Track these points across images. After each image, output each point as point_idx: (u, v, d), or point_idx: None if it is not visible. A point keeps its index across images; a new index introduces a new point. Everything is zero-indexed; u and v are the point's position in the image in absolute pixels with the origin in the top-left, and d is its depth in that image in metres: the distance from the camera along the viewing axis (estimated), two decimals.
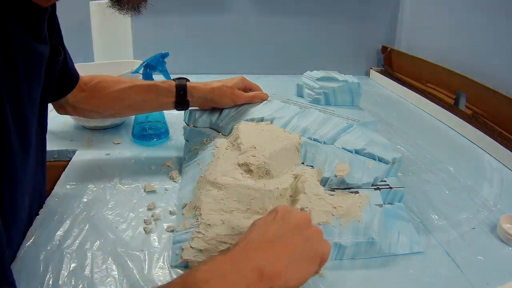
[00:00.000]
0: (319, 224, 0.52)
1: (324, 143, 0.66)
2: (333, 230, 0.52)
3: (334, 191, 0.58)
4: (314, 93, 0.88)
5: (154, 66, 0.78)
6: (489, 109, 0.97)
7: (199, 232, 0.51)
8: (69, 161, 0.76)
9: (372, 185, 0.60)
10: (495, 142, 0.88)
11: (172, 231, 0.56)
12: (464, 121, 1.00)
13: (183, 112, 0.77)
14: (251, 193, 0.56)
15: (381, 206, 0.57)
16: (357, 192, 0.58)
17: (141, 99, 0.71)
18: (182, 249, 0.50)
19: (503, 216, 0.61)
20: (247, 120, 0.71)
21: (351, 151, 0.65)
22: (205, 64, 1.43)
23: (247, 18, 1.42)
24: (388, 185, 0.62)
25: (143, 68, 0.78)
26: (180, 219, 0.58)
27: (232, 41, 1.44)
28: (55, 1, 0.46)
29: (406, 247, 0.55)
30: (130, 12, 0.50)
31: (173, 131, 0.88)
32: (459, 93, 1.09)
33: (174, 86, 0.71)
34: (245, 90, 0.77)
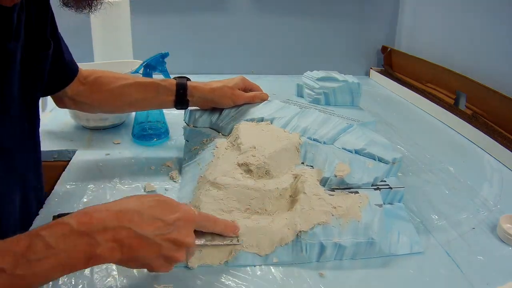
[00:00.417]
0: (319, 224, 0.52)
1: (324, 143, 0.66)
2: (333, 230, 0.52)
3: (334, 191, 0.58)
4: (314, 93, 0.88)
5: (154, 66, 0.78)
6: (489, 109, 0.97)
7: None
8: (69, 161, 0.76)
9: (372, 185, 0.60)
10: (495, 142, 0.88)
11: None
12: (464, 121, 1.00)
13: (183, 112, 0.77)
14: (251, 193, 0.56)
15: (381, 206, 0.57)
16: (357, 192, 0.58)
17: (141, 97, 0.71)
18: None
19: (503, 216, 0.61)
20: (247, 120, 0.71)
21: (351, 151, 0.65)
22: (205, 64, 1.43)
23: (247, 18, 1.42)
24: (388, 185, 0.61)
25: (143, 68, 0.78)
26: None
27: (232, 41, 1.44)
28: (18, 0, 0.46)
29: (406, 247, 0.55)
30: (86, 10, 0.48)
31: (173, 131, 0.88)
32: (459, 93, 1.09)
33: (174, 85, 0.71)
34: (245, 90, 0.77)
